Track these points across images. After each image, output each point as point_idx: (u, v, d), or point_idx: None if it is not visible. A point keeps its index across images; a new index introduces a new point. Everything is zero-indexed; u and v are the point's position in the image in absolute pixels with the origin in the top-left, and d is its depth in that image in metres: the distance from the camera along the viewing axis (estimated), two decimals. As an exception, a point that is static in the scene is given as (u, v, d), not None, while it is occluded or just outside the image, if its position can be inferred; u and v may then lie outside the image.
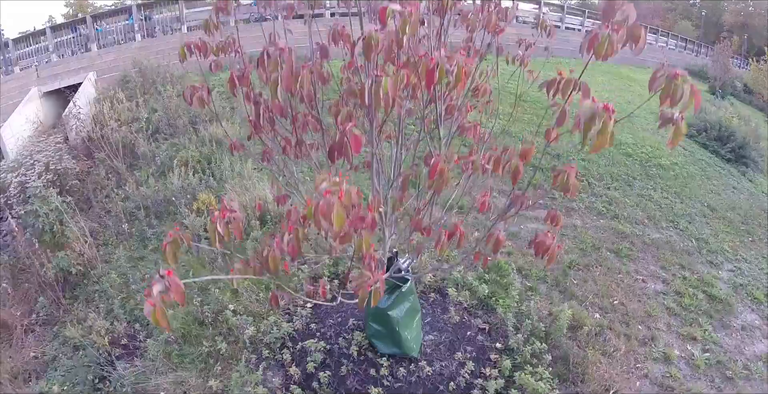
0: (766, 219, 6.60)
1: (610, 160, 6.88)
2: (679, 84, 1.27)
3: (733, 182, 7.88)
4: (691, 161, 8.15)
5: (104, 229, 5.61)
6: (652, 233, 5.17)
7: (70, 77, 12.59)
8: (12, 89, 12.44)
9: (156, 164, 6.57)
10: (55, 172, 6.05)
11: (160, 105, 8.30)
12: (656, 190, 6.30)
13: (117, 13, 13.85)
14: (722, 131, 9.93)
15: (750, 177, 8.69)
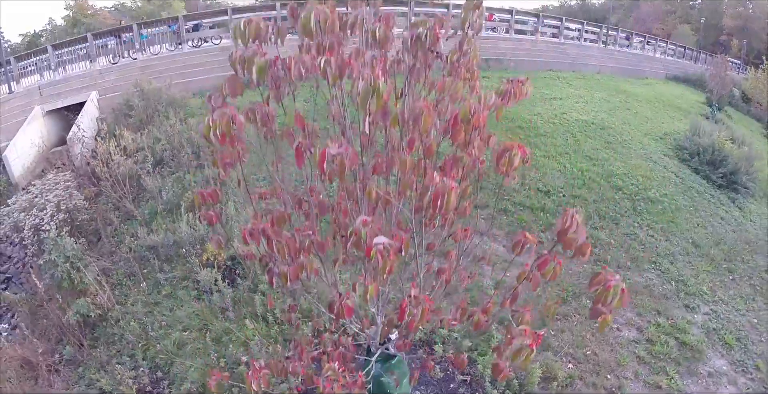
0: (750, 254, 7.06)
1: (599, 196, 7.35)
2: (611, 293, 1.72)
3: (722, 212, 8.34)
4: (681, 190, 8.60)
5: (116, 267, 6.11)
6: (633, 277, 5.64)
7: (72, 96, 13.07)
8: (15, 108, 12.91)
9: (162, 200, 7.04)
10: (66, 211, 6.54)
11: (163, 134, 8.76)
12: (642, 228, 6.76)
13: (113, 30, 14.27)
14: (715, 155, 10.34)
15: (740, 204, 9.13)
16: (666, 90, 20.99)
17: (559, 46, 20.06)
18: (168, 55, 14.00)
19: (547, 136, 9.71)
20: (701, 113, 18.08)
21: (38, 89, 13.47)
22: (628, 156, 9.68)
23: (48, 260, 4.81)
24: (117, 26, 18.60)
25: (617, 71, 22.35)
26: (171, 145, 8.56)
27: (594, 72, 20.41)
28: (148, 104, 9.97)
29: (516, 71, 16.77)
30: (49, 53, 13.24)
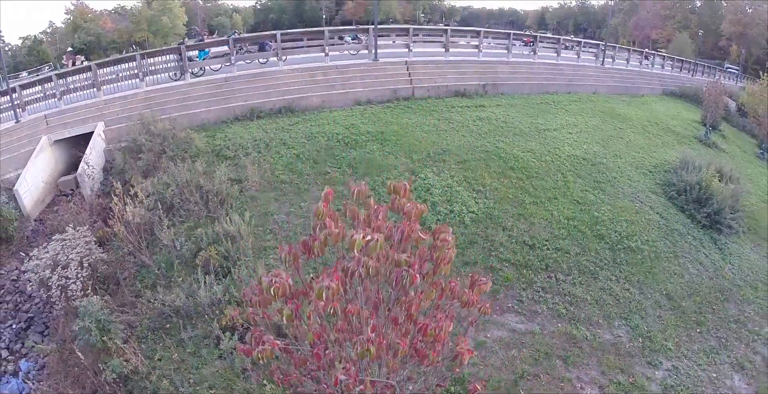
0: (722, 303, 7.93)
1: (582, 248, 8.20)
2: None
3: (702, 256, 9.20)
4: (664, 234, 9.46)
5: (139, 319, 6.92)
6: (603, 334, 6.50)
7: (78, 126, 13.75)
8: (22, 137, 13.54)
9: (177, 251, 7.84)
10: (89, 266, 7.36)
11: (172, 179, 9.54)
12: (619, 281, 7.62)
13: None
14: (701, 193, 11.17)
15: (721, 245, 9.99)
16: (661, 109, 21.81)
17: (556, 67, 20.93)
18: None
19: (538, 177, 10.55)
20: (695, 136, 18.90)
21: (44, 118, 14.13)
22: (615, 197, 10.53)
23: (82, 326, 5.61)
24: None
25: (614, 90, 23.21)
26: (180, 190, 9.34)
27: (590, 92, 21.25)
28: (155, 144, 10.73)
29: (512, 96, 17.64)
30: (54, 81, 13.87)
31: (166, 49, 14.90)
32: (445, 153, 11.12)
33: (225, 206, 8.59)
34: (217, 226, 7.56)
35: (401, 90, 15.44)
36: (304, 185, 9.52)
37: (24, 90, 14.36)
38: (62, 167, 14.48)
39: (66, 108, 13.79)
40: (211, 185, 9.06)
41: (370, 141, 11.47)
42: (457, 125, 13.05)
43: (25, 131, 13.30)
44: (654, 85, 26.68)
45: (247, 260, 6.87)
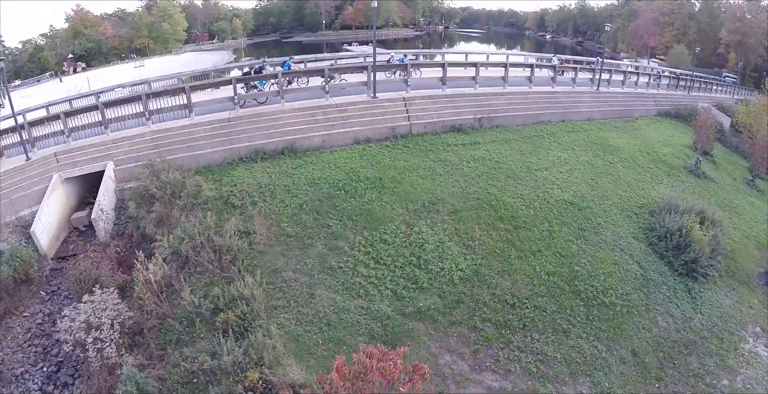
0: (684, 357, 9.04)
1: (558, 306, 9.30)
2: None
3: (673, 307, 10.32)
4: (639, 285, 10.57)
5: (167, 372, 7.99)
6: (567, 391, 7.60)
7: (88, 164, 14.77)
8: (34, 175, 14.45)
9: (196, 307, 8.91)
10: (120, 326, 8.46)
11: (186, 233, 10.62)
12: (589, 339, 8.73)
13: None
14: (681, 240, 12.25)
15: (695, 293, 11.10)
16: (654, 135, 22.70)
17: (551, 95, 21.91)
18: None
19: (526, 227, 11.65)
20: (685, 166, 19.93)
21: (54, 156, 15.04)
22: (597, 246, 11.62)
23: (125, 390, 6.72)
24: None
25: (608, 115, 24.24)
26: (193, 243, 10.43)
27: (585, 119, 22.29)
28: (166, 193, 11.80)
29: (507, 129, 18.67)
30: (62, 119, 14.78)
31: (171, 90, 15.82)
32: (439, 202, 12.20)
33: (237, 263, 9.65)
34: (233, 288, 8.65)
35: (399, 127, 16.44)
36: (308, 240, 10.60)
37: (33, 127, 15.14)
38: (74, 202, 15.52)
39: (75, 146, 14.79)
40: (222, 241, 10.14)
41: (369, 189, 12.53)
42: (452, 168, 14.11)
43: (37, 169, 14.30)
44: (648, 105, 27.58)
45: (261, 322, 7.92)
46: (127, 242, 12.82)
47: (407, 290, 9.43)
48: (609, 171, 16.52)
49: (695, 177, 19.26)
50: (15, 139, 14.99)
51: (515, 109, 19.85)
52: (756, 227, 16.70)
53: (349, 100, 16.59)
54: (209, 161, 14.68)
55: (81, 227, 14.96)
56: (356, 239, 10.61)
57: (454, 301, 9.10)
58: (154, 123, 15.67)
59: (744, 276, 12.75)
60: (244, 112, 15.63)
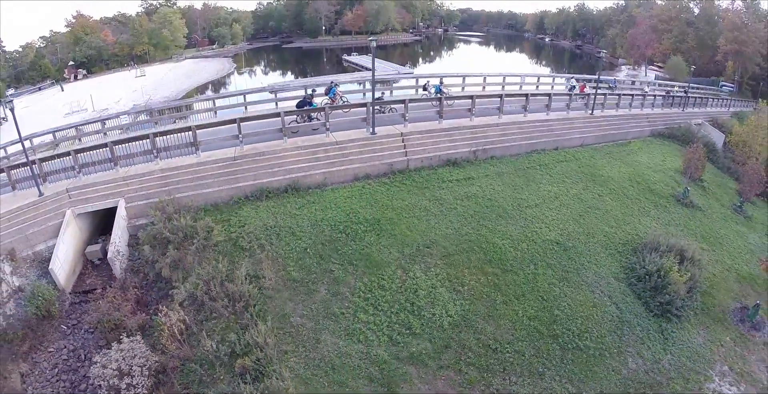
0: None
1: (536, 350, 10.52)
2: None
3: (644, 349, 11.51)
4: (614, 327, 11.76)
5: None
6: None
7: (100, 201, 15.95)
8: (48, 211, 15.32)
9: (215, 351, 10.07)
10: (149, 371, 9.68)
11: (200, 279, 11.81)
12: (562, 381, 9.94)
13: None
14: (659, 281, 13.42)
15: (668, 334, 12.31)
16: (645, 159, 23.79)
17: (545, 123, 23.03)
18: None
19: (512, 270, 12.86)
20: (674, 194, 21.02)
21: (66, 191, 16.01)
22: (578, 288, 12.83)
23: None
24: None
25: (601, 139, 25.41)
26: (208, 288, 11.63)
27: (578, 145, 23.47)
28: (178, 237, 13.00)
29: (501, 161, 19.84)
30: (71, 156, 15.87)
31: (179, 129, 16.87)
32: (433, 245, 13.43)
33: (249, 309, 10.86)
34: (248, 335, 9.94)
35: (397, 163, 17.67)
36: (312, 285, 11.87)
37: (44, 162, 16.02)
38: (86, 235, 16.78)
39: (87, 182, 15.94)
40: (235, 287, 11.42)
41: (368, 231, 13.78)
42: (446, 207, 15.34)
43: (50, 205, 15.40)
44: (642, 126, 28.63)
45: (274, 367, 9.11)
46: (143, 279, 14.05)
47: (402, 336, 10.64)
48: (597, 205, 17.65)
49: (683, 206, 20.37)
50: (26, 174, 15.72)
51: (510, 140, 20.97)
52: (739, 258, 17.80)
53: (349, 136, 17.82)
54: (216, 199, 15.85)
55: (95, 260, 16.12)
56: (356, 284, 11.84)
57: (442, 346, 10.31)
58: (162, 160, 16.66)
59: (719, 313, 13.92)
60: (248, 150, 16.81)
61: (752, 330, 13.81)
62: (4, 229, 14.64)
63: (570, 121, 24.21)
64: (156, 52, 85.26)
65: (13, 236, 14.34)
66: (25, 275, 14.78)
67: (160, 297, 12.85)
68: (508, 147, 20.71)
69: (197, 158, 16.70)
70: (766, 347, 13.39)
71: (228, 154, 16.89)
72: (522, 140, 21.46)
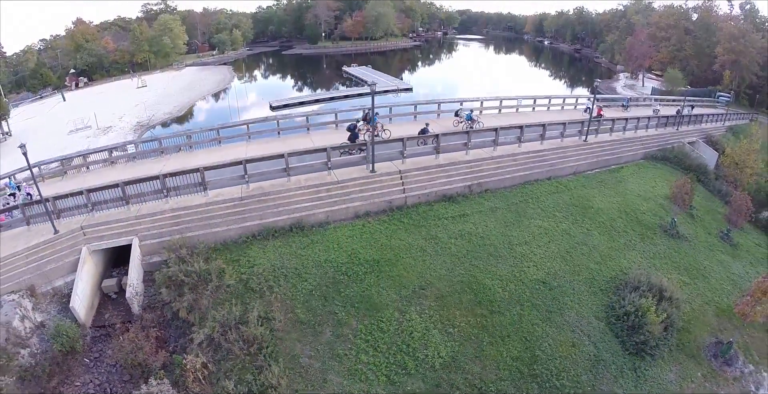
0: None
1: (517, 388, 12.15)
2: None
3: (617, 387, 13.25)
4: (591, 366, 13.24)
5: None
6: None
7: (114, 239, 17.43)
8: (64, 248, 16.74)
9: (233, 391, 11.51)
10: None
11: (216, 322, 13.19)
12: (537, 420, 11.34)
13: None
14: (636, 321, 14.80)
15: (641, 372, 13.80)
16: (636, 186, 25.06)
17: (538, 154, 24.42)
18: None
19: (500, 312, 14.32)
20: (661, 225, 22.30)
21: (81, 229, 17.28)
22: (560, 328, 14.27)
23: None
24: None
25: (594, 165, 26.79)
26: (224, 330, 13.03)
27: (571, 173, 24.91)
28: (193, 279, 14.41)
29: (495, 194, 21.22)
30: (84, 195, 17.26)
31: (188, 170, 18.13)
32: (428, 287, 14.96)
33: (263, 351, 12.34)
34: (263, 377, 11.52)
35: (395, 200, 19.19)
36: (318, 326, 13.52)
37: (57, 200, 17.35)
38: (101, 269, 18.32)
39: (100, 220, 17.43)
40: (248, 330, 12.98)
41: (368, 273, 15.42)
42: (441, 247, 16.84)
43: (65, 243, 16.83)
44: (636, 149, 29.92)
45: None
46: (160, 316, 15.47)
47: (398, 376, 12.11)
48: (585, 240, 19.06)
49: (669, 237, 21.73)
50: (40, 210, 17.01)
51: (504, 173, 22.41)
52: (720, 291, 19.21)
53: (350, 175, 19.31)
54: (225, 238, 17.32)
55: (111, 295, 17.53)
56: (358, 326, 13.34)
57: (434, 385, 11.79)
58: (172, 198, 18.04)
59: (694, 349, 15.38)
60: (254, 190, 18.30)
61: (724, 365, 15.22)
62: (23, 265, 16.28)
63: (563, 150, 25.45)
64: (156, 60, 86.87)
65: (32, 273, 15.85)
66: (46, 311, 16.30)
67: (178, 335, 14.32)
68: (503, 179, 22.12)
69: (206, 198, 18.13)
70: (736, 382, 14.81)
71: (235, 194, 18.27)
72: (516, 172, 22.79)
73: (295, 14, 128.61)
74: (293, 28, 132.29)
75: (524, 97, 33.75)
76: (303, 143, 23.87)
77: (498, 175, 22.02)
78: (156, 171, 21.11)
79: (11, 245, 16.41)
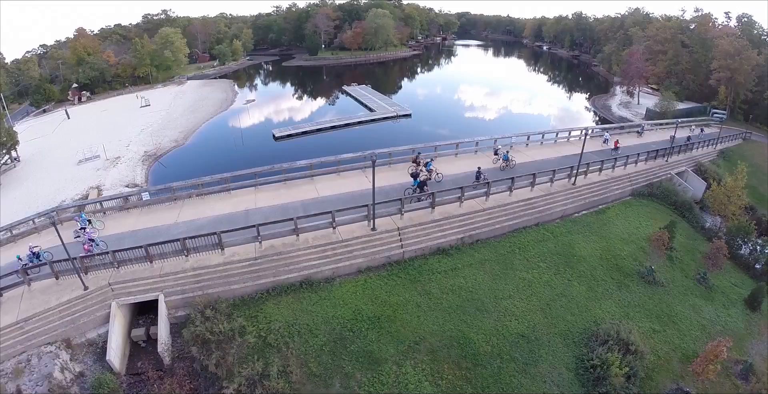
0: None
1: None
2: None
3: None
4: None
5: None
6: None
7: (141, 294, 20.33)
8: (95, 303, 19.95)
9: None
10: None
11: (242, 375, 15.88)
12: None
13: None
14: (601, 373, 18.13)
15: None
16: (621, 229, 28.16)
17: (528, 202, 27.57)
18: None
19: (483, 365, 17.28)
20: (639, 271, 24.86)
21: (109, 286, 20.49)
22: (534, 379, 17.41)
23: None
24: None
25: (582, 207, 29.86)
26: (249, 382, 15.85)
27: (559, 217, 27.57)
28: (218, 338, 17.10)
29: (486, 245, 23.90)
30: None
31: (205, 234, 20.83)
32: (421, 342, 18.09)
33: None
34: None
35: (394, 255, 22.20)
36: (329, 379, 17.09)
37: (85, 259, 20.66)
38: (129, 319, 21.00)
39: (127, 278, 20.52)
40: (270, 383, 16.39)
41: (370, 329, 18.91)
42: (434, 302, 19.93)
43: (96, 298, 20.03)
44: (624, 187, 32.60)
45: None
46: (189, 366, 18.17)
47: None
48: (565, 291, 21.94)
49: (645, 284, 24.61)
50: (68, 266, 19.85)
51: (494, 223, 25.52)
52: (688, 336, 21.98)
53: (353, 233, 22.25)
54: (242, 294, 20.20)
55: (141, 343, 20.18)
56: (362, 379, 16.58)
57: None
58: (191, 256, 20.67)
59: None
60: (267, 249, 21.32)
61: (682, 412, 17.89)
62: (57, 319, 19.58)
63: (552, 196, 28.49)
64: (158, 73, 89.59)
65: (66, 326, 19.02)
66: (83, 361, 19.21)
67: (207, 386, 17.40)
68: (493, 230, 25.03)
69: (223, 257, 21.14)
70: (691, 426, 17.45)
71: (249, 253, 21.30)
72: (506, 221, 25.72)
73: (295, 23, 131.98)
74: (293, 37, 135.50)
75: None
76: (308, 191, 26.90)
77: (489, 226, 25.04)
78: (171, 220, 24.36)
79: (44, 299, 19.66)
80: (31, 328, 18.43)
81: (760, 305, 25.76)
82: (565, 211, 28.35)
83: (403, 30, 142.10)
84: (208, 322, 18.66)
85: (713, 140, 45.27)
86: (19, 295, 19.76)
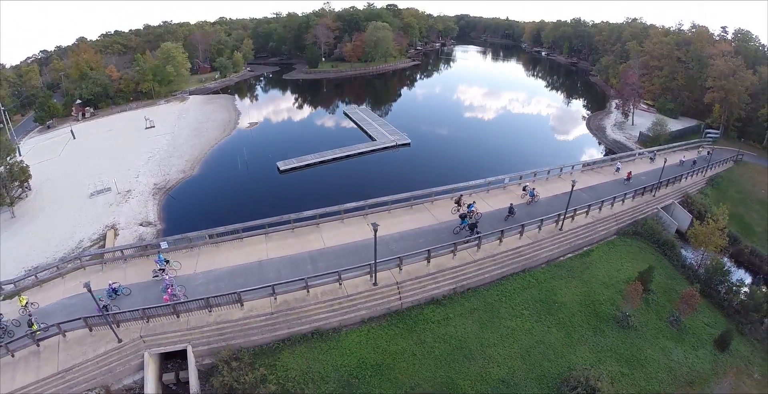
0: None
1: None
2: None
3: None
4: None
5: None
6: None
7: (170, 345, 23.97)
8: (129, 354, 24.69)
9: None
10: None
11: None
12: None
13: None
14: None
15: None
16: (602, 271, 32.49)
17: (516, 251, 31.81)
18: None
19: None
20: (614, 317, 28.31)
21: (140, 338, 24.87)
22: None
23: None
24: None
25: (568, 251, 33.94)
26: None
27: (544, 262, 31.06)
28: (245, 387, 20.82)
29: (475, 294, 27.58)
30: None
31: (227, 293, 24.56)
32: (417, 387, 22.94)
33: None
34: None
35: (393, 306, 26.10)
36: None
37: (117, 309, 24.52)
38: (159, 364, 24.47)
39: (157, 331, 25.21)
40: None
41: (372, 376, 23.40)
42: (427, 350, 24.13)
43: (129, 350, 24.80)
44: (609, 227, 36.90)
45: None
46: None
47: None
48: (544, 338, 26.02)
49: (620, 328, 28.78)
50: (101, 320, 24.47)
51: (484, 272, 29.84)
52: (654, 378, 26.04)
53: (357, 288, 26.41)
54: (261, 344, 24.24)
55: (171, 386, 23.85)
56: None
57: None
58: (214, 310, 24.44)
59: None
60: (281, 304, 25.71)
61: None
62: (95, 369, 24.29)
63: (539, 243, 32.82)
64: (161, 88, 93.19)
65: (105, 374, 23.67)
66: None
67: None
68: (483, 279, 28.80)
69: (242, 312, 25.47)
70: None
71: (266, 308, 25.78)
72: (495, 270, 29.85)
73: (294, 33, 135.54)
74: (293, 47, 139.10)
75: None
76: (315, 241, 30.95)
77: (479, 276, 29.51)
78: (191, 270, 29.18)
79: (80, 350, 24.01)
80: (72, 377, 22.77)
81: (729, 346, 29.58)
82: (551, 256, 32.73)
83: (403, 40, 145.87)
84: (234, 372, 22.67)
85: (703, 168, 48.54)
86: (56, 344, 23.66)
